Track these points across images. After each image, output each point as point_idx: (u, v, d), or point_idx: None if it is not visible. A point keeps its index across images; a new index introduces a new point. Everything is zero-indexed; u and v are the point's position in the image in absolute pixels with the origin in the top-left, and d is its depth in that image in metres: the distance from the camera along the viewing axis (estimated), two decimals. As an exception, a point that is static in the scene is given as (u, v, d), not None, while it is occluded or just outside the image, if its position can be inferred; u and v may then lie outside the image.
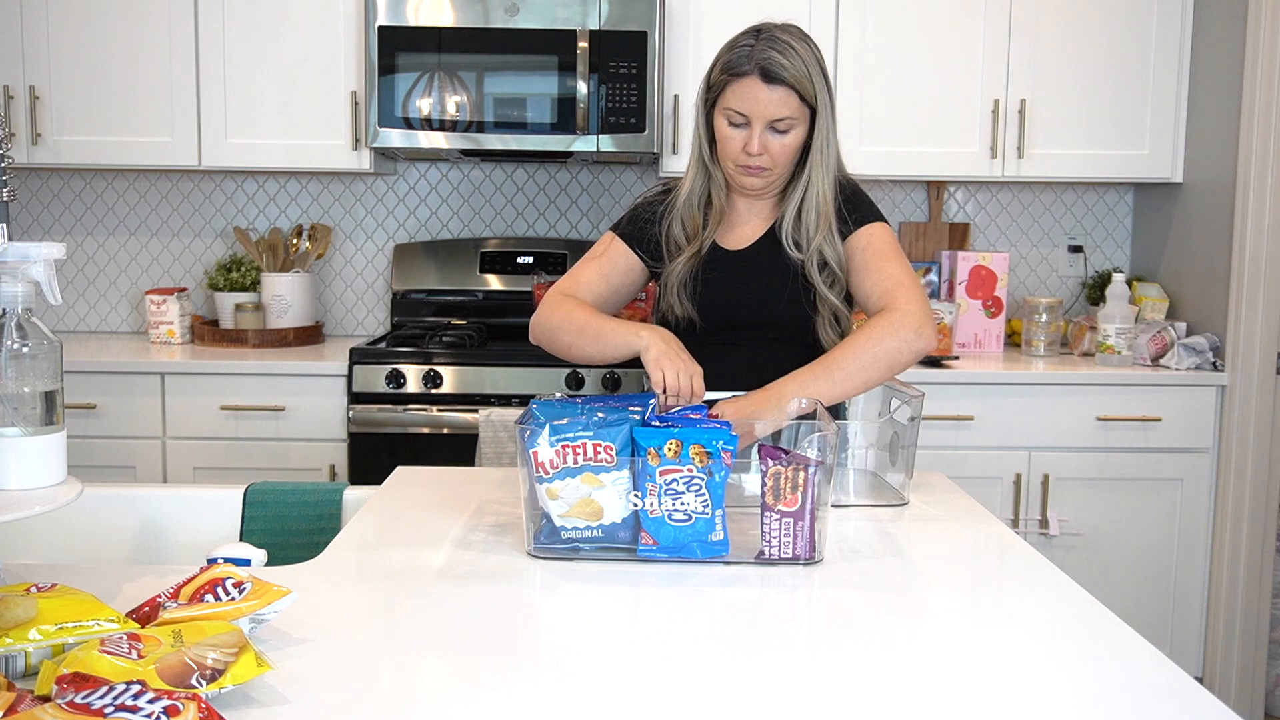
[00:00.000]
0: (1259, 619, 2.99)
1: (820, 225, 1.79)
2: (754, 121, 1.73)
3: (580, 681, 1.00)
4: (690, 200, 1.85)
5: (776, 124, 1.73)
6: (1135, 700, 0.98)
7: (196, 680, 0.90)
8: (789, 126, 1.74)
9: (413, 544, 1.41)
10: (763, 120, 1.72)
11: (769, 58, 1.70)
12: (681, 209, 1.85)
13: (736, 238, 1.87)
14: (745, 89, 1.72)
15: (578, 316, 1.77)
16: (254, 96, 3.11)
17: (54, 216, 3.50)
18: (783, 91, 1.71)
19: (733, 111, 1.74)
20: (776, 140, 1.74)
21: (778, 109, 1.72)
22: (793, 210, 1.80)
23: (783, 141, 1.75)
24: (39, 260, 1.17)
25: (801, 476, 1.31)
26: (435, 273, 3.41)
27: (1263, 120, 2.86)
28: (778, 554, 1.34)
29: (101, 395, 2.92)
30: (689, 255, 1.84)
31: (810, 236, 1.79)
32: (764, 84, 1.71)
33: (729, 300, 1.84)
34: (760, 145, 1.74)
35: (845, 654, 1.08)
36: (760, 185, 1.81)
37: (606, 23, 2.97)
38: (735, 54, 1.74)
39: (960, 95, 3.15)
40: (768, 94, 1.71)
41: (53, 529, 1.61)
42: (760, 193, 1.84)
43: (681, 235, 1.86)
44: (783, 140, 1.75)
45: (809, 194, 1.79)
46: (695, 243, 1.84)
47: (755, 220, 1.88)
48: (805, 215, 1.80)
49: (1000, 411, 2.94)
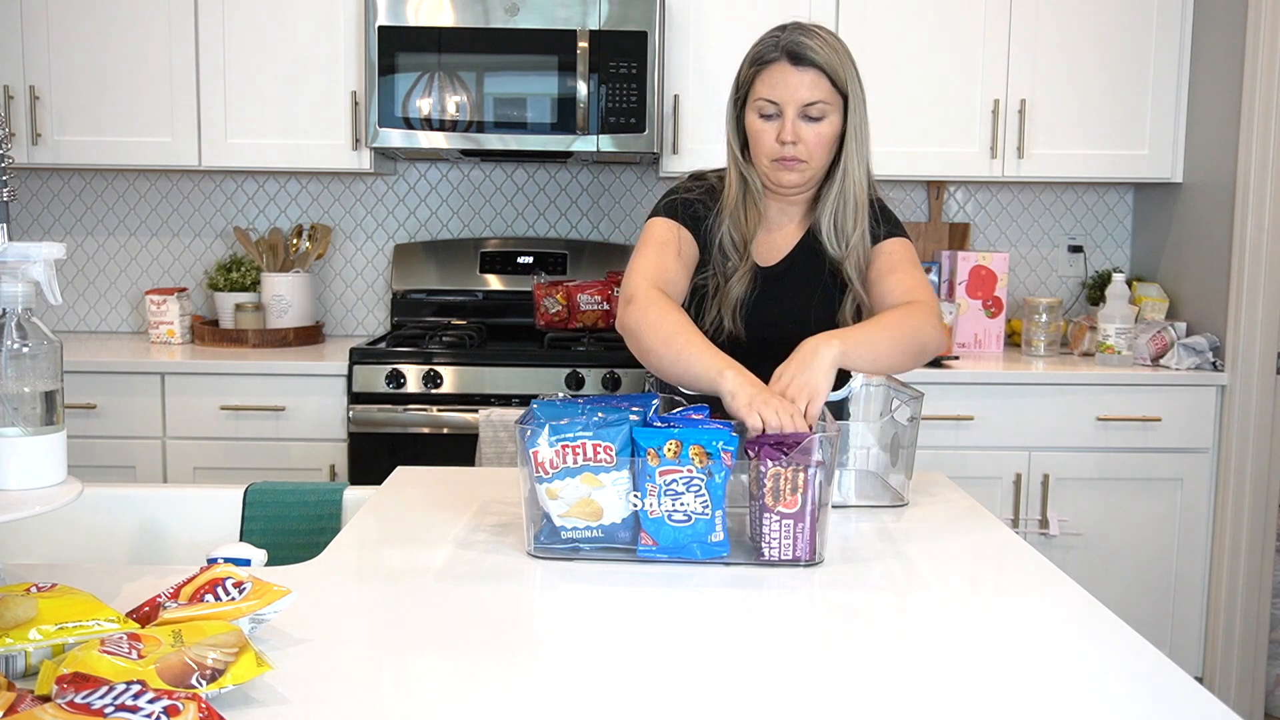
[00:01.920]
0: (1259, 619, 2.99)
1: (859, 217, 1.78)
2: (785, 107, 1.71)
3: (580, 681, 1.00)
4: (737, 209, 1.81)
5: (809, 109, 1.70)
6: (1135, 700, 0.98)
7: (196, 680, 0.90)
8: (822, 113, 1.71)
9: (413, 544, 1.41)
10: (795, 105, 1.70)
11: (796, 41, 1.70)
12: (730, 219, 1.81)
13: (769, 250, 1.85)
14: (774, 75, 1.71)
15: (670, 322, 1.63)
16: (254, 96, 3.11)
17: (54, 216, 3.50)
18: (813, 74, 1.69)
19: (764, 101, 1.72)
20: (810, 128, 1.72)
21: (809, 92, 1.70)
22: (832, 202, 1.78)
23: (817, 130, 1.72)
24: (39, 260, 1.17)
25: (801, 478, 1.31)
26: (435, 273, 3.41)
27: (1263, 120, 2.86)
28: (778, 556, 1.33)
29: (101, 395, 2.93)
30: (743, 272, 1.81)
31: (850, 230, 1.78)
32: (793, 67, 1.69)
33: (769, 320, 1.83)
34: (794, 133, 1.71)
35: (845, 654, 1.08)
36: (797, 181, 1.77)
37: (606, 23, 2.97)
38: (762, 45, 1.74)
39: (960, 95, 3.15)
40: (797, 76, 1.69)
41: (53, 529, 1.61)
42: (797, 190, 1.80)
43: (731, 245, 1.82)
44: (817, 128, 1.72)
45: (847, 182, 1.76)
46: (747, 259, 1.81)
47: (787, 228, 1.86)
48: (845, 206, 1.77)
49: (1000, 411, 2.94)
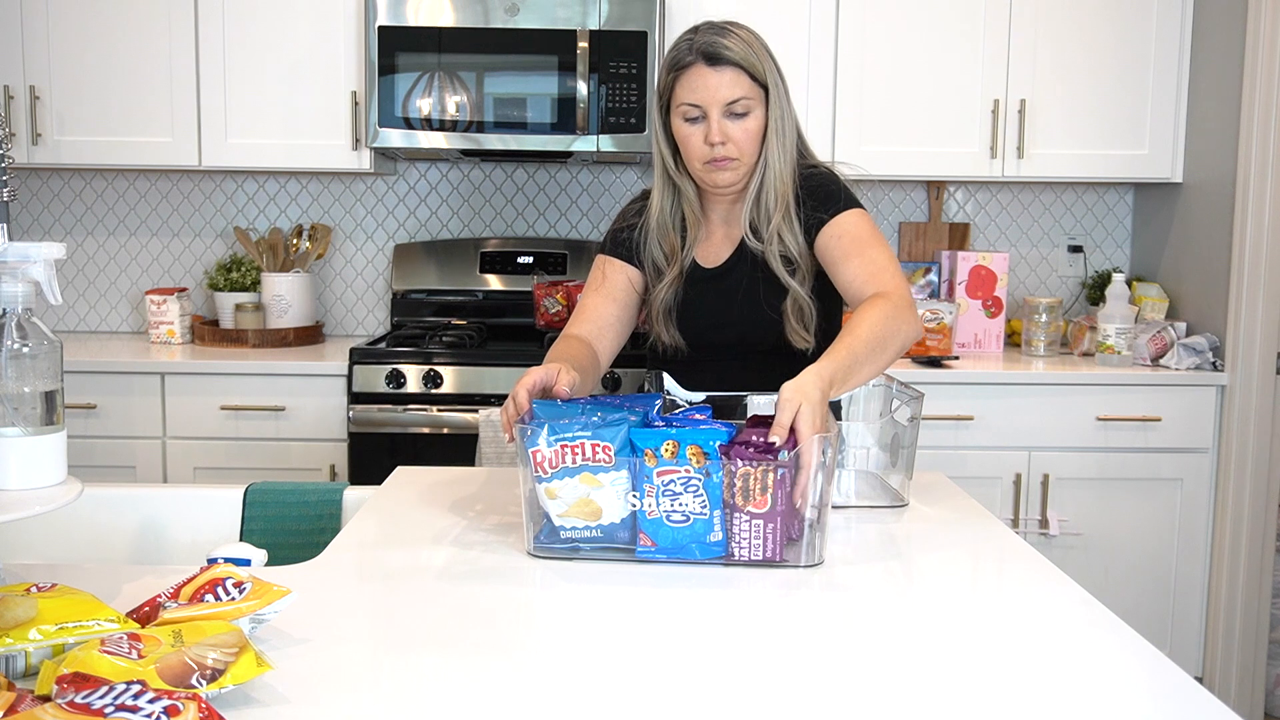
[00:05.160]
0: (1259, 619, 2.99)
1: (778, 206, 1.76)
2: (709, 109, 1.71)
3: (579, 681, 1.00)
4: (663, 220, 1.83)
5: (732, 106, 1.71)
6: (1135, 700, 0.98)
7: (196, 680, 0.90)
8: (746, 109, 1.72)
9: (413, 544, 1.41)
10: (717, 105, 1.71)
11: (710, 41, 1.71)
12: (655, 231, 1.83)
13: (713, 252, 1.86)
14: (693, 78, 1.71)
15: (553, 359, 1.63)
16: (254, 96, 3.11)
17: (54, 216, 3.50)
18: (731, 72, 1.70)
19: (687, 106, 1.72)
20: (737, 125, 1.72)
21: (730, 90, 1.70)
22: (752, 193, 1.78)
23: (744, 126, 1.73)
24: (39, 260, 1.17)
25: (771, 478, 1.30)
26: (435, 273, 3.41)
27: (1263, 120, 2.86)
28: (748, 556, 1.33)
29: (101, 395, 2.93)
30: (671, 279, 1.82)
31: (769, 219, 1.76)
32: (710, 68, 1.70)
33: (711, 322, 1.83)
34: (720, 133, 1.71)
35: (845, 655, 1.08)
36: (731, 179, 1.77)
37: (606, 23, 2.97)
38: (677, 50, 1.74)
39: (960, 95, 3.15)
40: (715, 77, 1.70)
41: (53, 529, 1.61)
42: (732, 189, 1.81)
43: (661, 258, 1.84)
44: (743, 124, 1.73)
45: (767, 175, 1.76)
46: (675, 265, 1.82)
47: (730, 230, 1.86)
48: (765, 196, 1.77)
49: (1000, 411, 2.94)
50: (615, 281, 1.86)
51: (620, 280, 1.86)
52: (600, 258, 1.89)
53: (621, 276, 1.86)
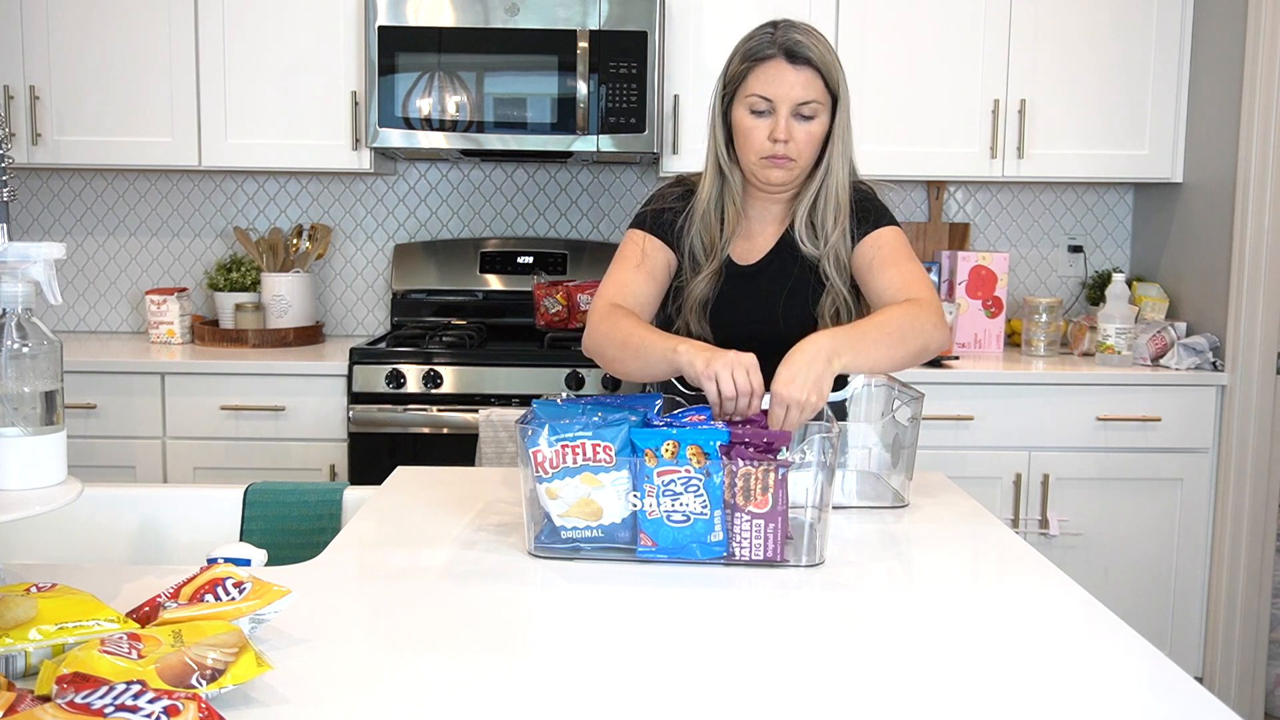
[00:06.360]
0: (1259, 619, 2.99)
1: (839, 217, 1.76)
2: (780, 105, 1.70)
3: (580, 681, 1.00)
4: (709, 211, 1.81)
5: (802, 108, 1.70)
6: (1135, 700, 0.98)
7: (196, 680, 0.90)
8: (814, 112, 1.71)
9: (413, 544, 1.41)
10: (789, 103, 1.69)
11: (792, 39, 1.69)
12: (700, 221, 1.81)
13: (749, 249, 1.84)
14: (770, 72, 1.69)
15: (622, 328, 1.66)
16: (254, 96, 3.11)
17: (54, 216, 3.50)
18: (809, 73, 1.69)
19: (757, 98, 1.70)
20: (802, 127, 1.71)
21: (804, 91, 1.69)
22: (809, 200, 1.77)
23: (808, 129, 1.72)
24: (39, 260, 1.17)
25: (772, 478, 1.30)
26: (435, 273, 3.41)
27: (1263, 120, 2.86)
28: (749, 556, 1.33)
29: (101, 395, 2.92)
30: (709, 273, 1.80)
31: (829, 229, 1.76)
32: (790, 65, 1.68)
33: (742, 319, 1.82)
34: (786, 131, 1.70)
35: (845, 654, 1.08)
36: (784, 179, 1.76)
37: (606, 23, 2.97)
38: (755, 41, 1.72)
39: (960, 95, 3.15)
40: (794, 74, 1.69)
41: (53, 529, 1.61)
42: (782, 189, 1.80)
43: (700, 249, 1.82)
44: (808, 128, 1.72)
45: (829, 181, 1.75)
46: (714, 259, 1.80)
47: (769, 227, 1.85)
48: (824, 204, 1.76)
49: (1000, 411, 2.94)
50: (656, 261, 1.82)
51: (661, 260, 1.82)
52: (639, 233, 1.83)
53: (661, 257, 1.82)
